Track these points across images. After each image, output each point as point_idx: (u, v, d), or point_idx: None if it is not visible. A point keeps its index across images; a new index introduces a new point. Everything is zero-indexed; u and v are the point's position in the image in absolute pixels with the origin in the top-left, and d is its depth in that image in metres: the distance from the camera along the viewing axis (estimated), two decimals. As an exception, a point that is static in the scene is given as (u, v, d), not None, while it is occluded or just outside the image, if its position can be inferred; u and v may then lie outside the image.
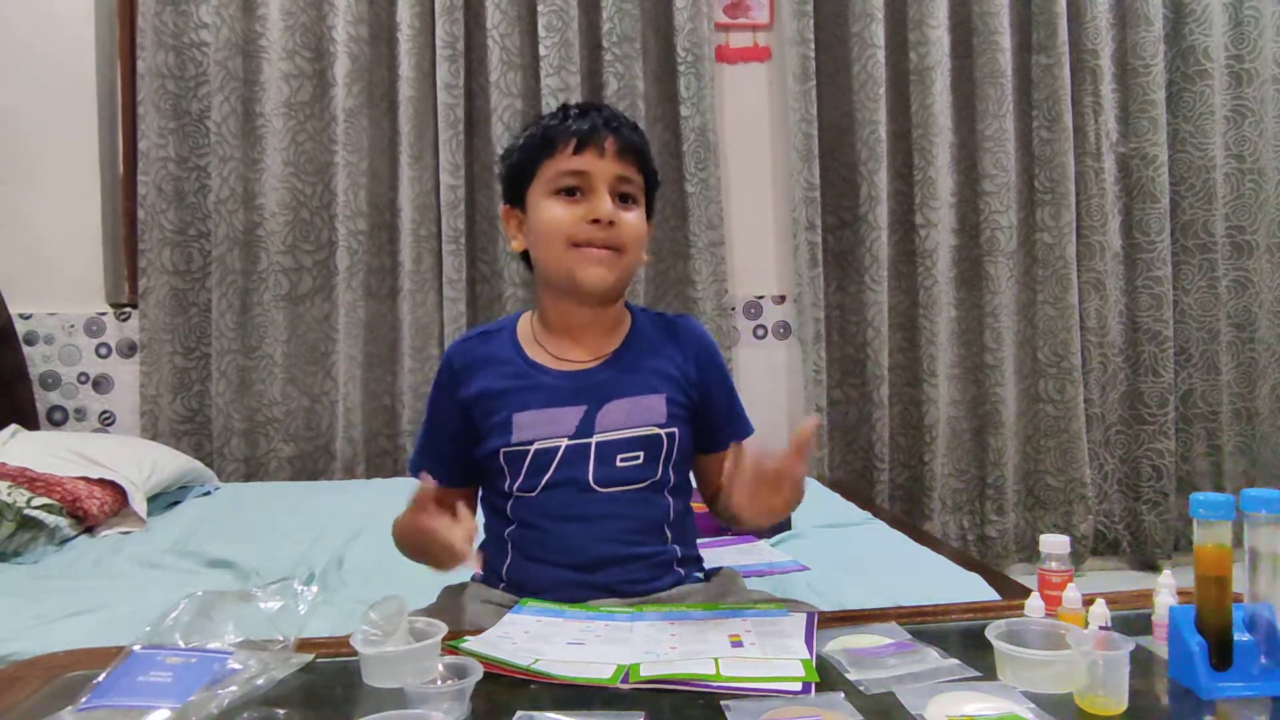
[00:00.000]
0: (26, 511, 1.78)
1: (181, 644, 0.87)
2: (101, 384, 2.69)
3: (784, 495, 0.96)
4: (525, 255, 1.17)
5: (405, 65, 2.63)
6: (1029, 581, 1.10)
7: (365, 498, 2.20)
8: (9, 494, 1.79)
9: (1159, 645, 0.86)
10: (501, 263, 2.72)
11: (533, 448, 1.08)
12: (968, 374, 2.92)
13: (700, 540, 1.19)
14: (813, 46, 2.78)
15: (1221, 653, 0.78)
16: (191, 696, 0.77)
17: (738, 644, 0.89)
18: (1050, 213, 2.88)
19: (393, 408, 2.72)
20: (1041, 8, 2.85)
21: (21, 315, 2.64)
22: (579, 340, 1.14)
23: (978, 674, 0.81)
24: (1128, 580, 2.86)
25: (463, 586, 1.15)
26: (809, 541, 1.79)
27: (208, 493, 2.35)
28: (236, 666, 0.82)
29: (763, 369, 2.91)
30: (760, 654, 0.86)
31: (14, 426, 2.29)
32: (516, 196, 1.15)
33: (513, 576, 1.10)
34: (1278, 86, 2.92)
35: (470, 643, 0.89)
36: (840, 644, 0.89)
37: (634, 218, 1.11)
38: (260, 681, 0.81)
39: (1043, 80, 2.86)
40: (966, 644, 0.89)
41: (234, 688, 0.79)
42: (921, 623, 0.97)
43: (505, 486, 1.10)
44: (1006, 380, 2.88)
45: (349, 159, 2.63)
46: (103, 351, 2.69)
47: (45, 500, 1.85)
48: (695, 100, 2.75)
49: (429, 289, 2.69)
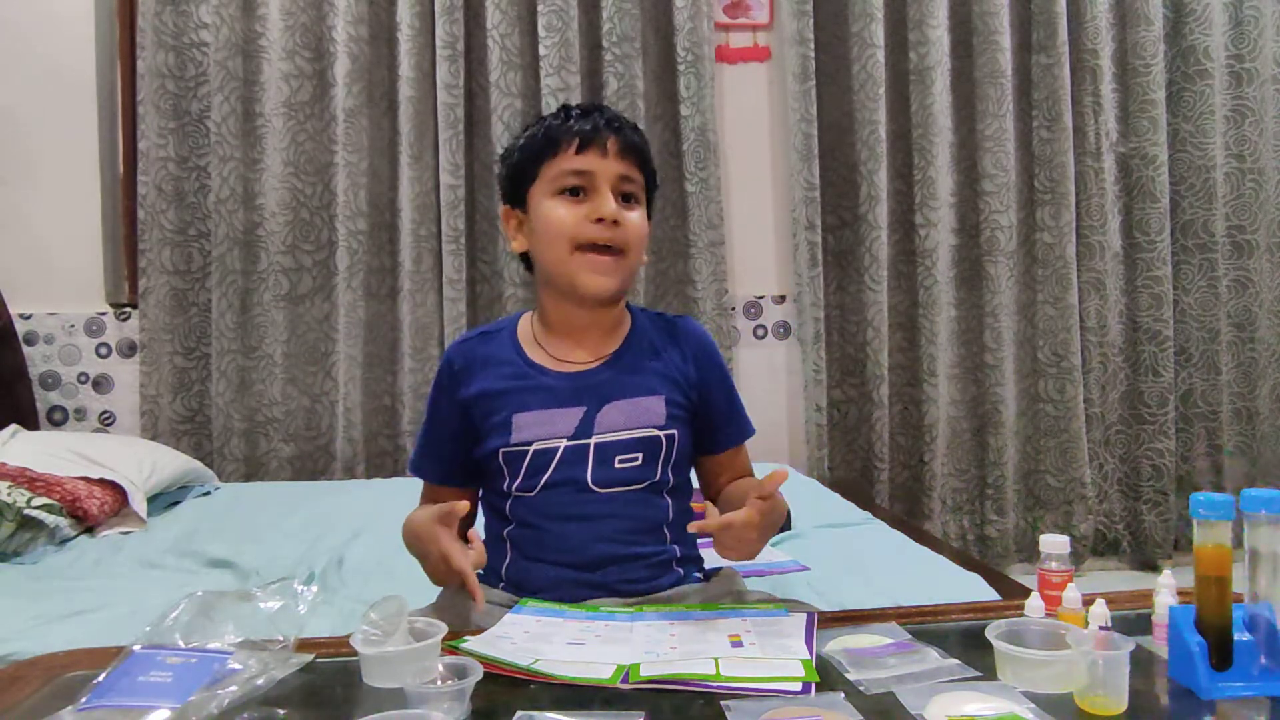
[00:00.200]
0: (26, 511, 1.78)
1: (181, 644, 0.87)
2: (101, 384, 2.69)
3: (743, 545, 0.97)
4: (525, 256, 1.17)
5: (405, 65, 2.64)
6: (1029, 581, 1.10)
7: (365, 498, 2.20)
8: (9, 494, 1.79)
9: (1159, 645, 0.86)
10: (501, 263, 2.73)
11: (532, 448, 1.08)
12: (968, 374, 2.92)
13: (700, 540, 1.19)
14: (813, 46, 2.78)
15: (1221, 653, 0.78)
16: (191, 696, 0.77)
17: (738, 644, 0.89)
18: (1050, 213, 2.88)
19: (393, 408, 2.72)
20: (1041, 8, 2.85)
21: (21, 315, 2.64)
22: (579, 341, 1.14)
23: (978, 674, 0.81)
24: (1128, 580, 2.86)
25: (463, 586, 1.15)
26: (809, 541, 1.79)
27: (208, 493, 2.35)
28: (236, 666, 0.82)
29: (763, 369, 2.91)
30: (760, 654, 0.86)
31: (14, 426, 2.29)
32: (517, 197, 1.14)
33: (512, 576, 1.10)
34: (1278, 86, 2.92)
35: (470, 643, 0.89)
36: (840, 644, 0.89)
37: (636, 217, 1.11)
38: (260, 681, 0.81)
39: (1043, 80, 2.86)
40: (966, 644, 0.89)
41: (234, 688, 0.79)
42: (921, 623, 0.97)
43: (504, 486, 1.10)
44: (1006, 380, 2.89)
45: (349, 159, 2.63)
46: (103, 351, 2.69)
47: (45, 500, 1.85)
48: (695, 100, 2.75)
49: (429, 289, 2.69)
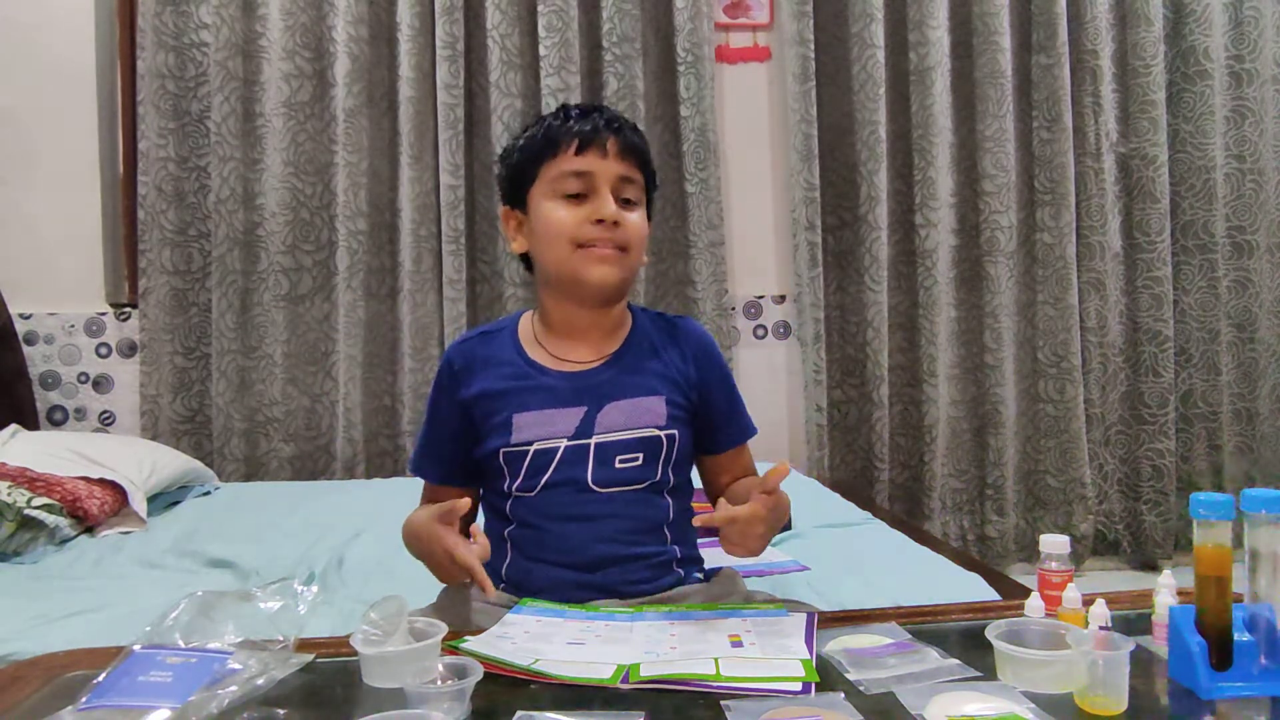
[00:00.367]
0: (26, 511, 1.78)
1: (181, 644, 0.87)
2: (101, 384, 2.69)
3: (751, 538, 0.98)
4: (525, 256, 1.17)
5: (405, 65, 2.64)
6: (1029, 581, 1.10)
7: (365, 498, 2.21)
8: (9, 494, 1.79)
9: (1159, 645, 0.86)
10: (501, 263, 2.73)
11: (532, 448, 1.08)
12: (968, 374, 2.92)
13: (701, 540, 1.19)
14: (813, 46, 2.78)
15: (1221, 653, 0.78)
16: (191, 696, 0.77)
17: (738, 644, 0.89)
18: (1050, 213, 2.88)
19: (393, 408, 2.72)
20: (1041, 8, 2.85)
21: (21, 315, 2.64)
22: (580, 341, 1.14)
23: (978, 674, 0.81)
24: (1128, 580, 2.86)
25: (463, 587, 1.15)
26: (809, 541, 1.79)
27: (208, 493, 2.35)
28: (236, 666, 0.82)
29: (763, 369, 2.91)
30: (760, 654, 0.86)
31: (14, 426, 2.29)
32: (517, 198, 1.14)
33: (512, 576, 1.10)
34: (1278, 86, 2.92)
35: (470, 643, 0.89)
36: (840, 644, 0.89)
37: (637, 218, 1.11)
38: (260, 681, 0.81)
39: (1043, 80, 2.86)
40: (966, 644, 0.89)
41: (234, 688, 0.79)
42: (921, 623, 0.97)
43: (505, 486, 1.10)
44: (1006, 380, 2.89)
45: (349, 159, 2.63)
46: (103, 351, 2.69)
47: (45, 500, 1.85)
48: (695, 100, 2.75)
49: (429, 289, 2.69)
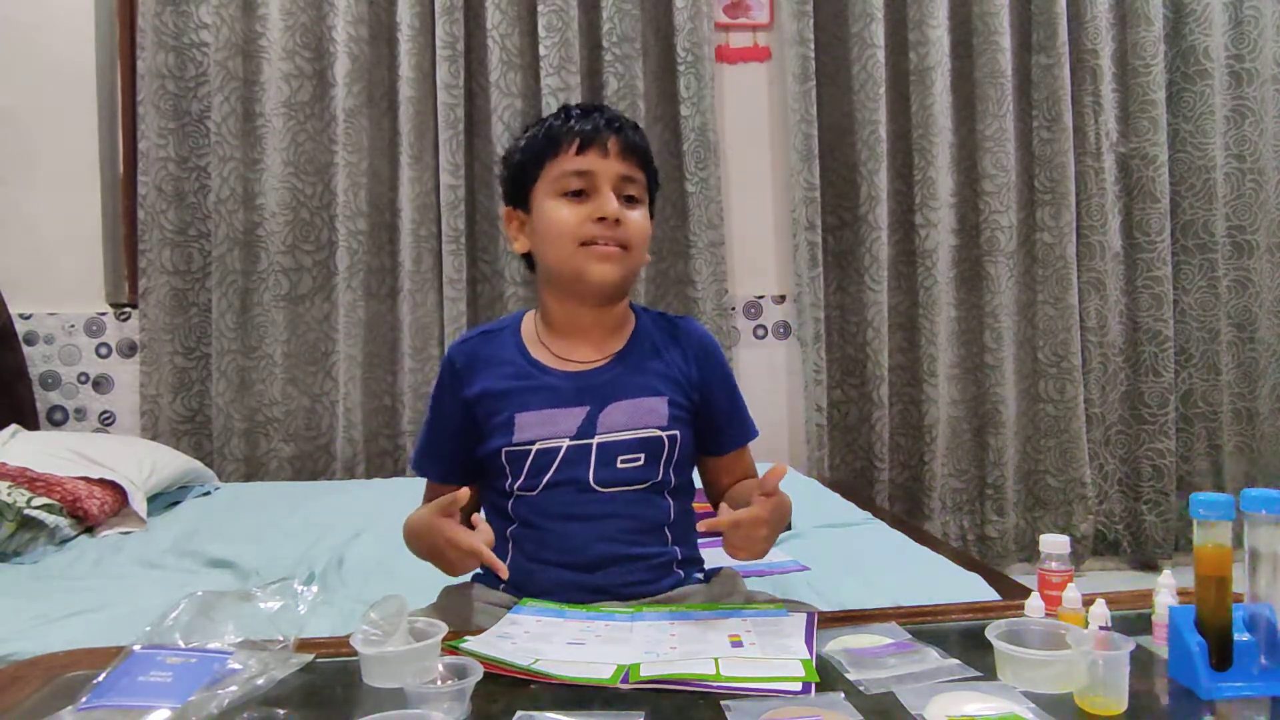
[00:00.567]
0: (26, 511, 1.78)
1: (181, 644, 0.87)
2: (101, 384, 2.69)
3: (754, 541, 0.98)
4: (527, 256, 1.17)
5: (405, 65, 2.63)
6: (1029, 581, 1.10)
7: (365, 498, 2.21)
8: (9, 494, 1.79)
9: (1159, 645, 0.86)
10: (502, 262, 2.72)
11: (534, 448, 1.08)
12: (968, 374, 2.92)
13: (701, 541, 1.19)
14: (813, 46, 2.78)
15: (1221, 653, 0.78)
16: (191, 696, 0.77)
17: (738, 644, 0.89)
18: (1050, 213, 2.88)
19: (393, 408, 2.72)
20: (1041, 8, 2.85)
21: (21, 315, 2.64)
22: (583, 340, 1.14)
23: (978, 674, 0.81)
24: (1128, 580, 2.86)
25: (463, 587, 1.15)
26: (809, 541, 1.79)
27: (208, 493, 2.35)
28: (236, 666, 0.82)
29: (763, 369, 2.91)
30: (760, 654, 0.86)
31: (14, 426, 2.29)
32: (519, 198, 1.15)
33: (513, 577, 1.10)
34: (1278, 86, 2.92)
35: (470, 643, 0.89)
36: (840, 644, 0.89)
37: (639, 216, 1.11)
38: (260, 681, 0.81)
39: (1043, 80, 2.86)
40: (966, 644, 0.89)
41: (234, 688, 0.79)
42: (921, 623, 0.97)
43: (506, 485, 1.10)
44: (1006, 380, 2.88)
45: (349, 159, 2.63)
46: (103, 351, 2.69)
47: (45, 500, 1.85)
48: (695, 100, 2.75)
49: (429, 289, 2.69)
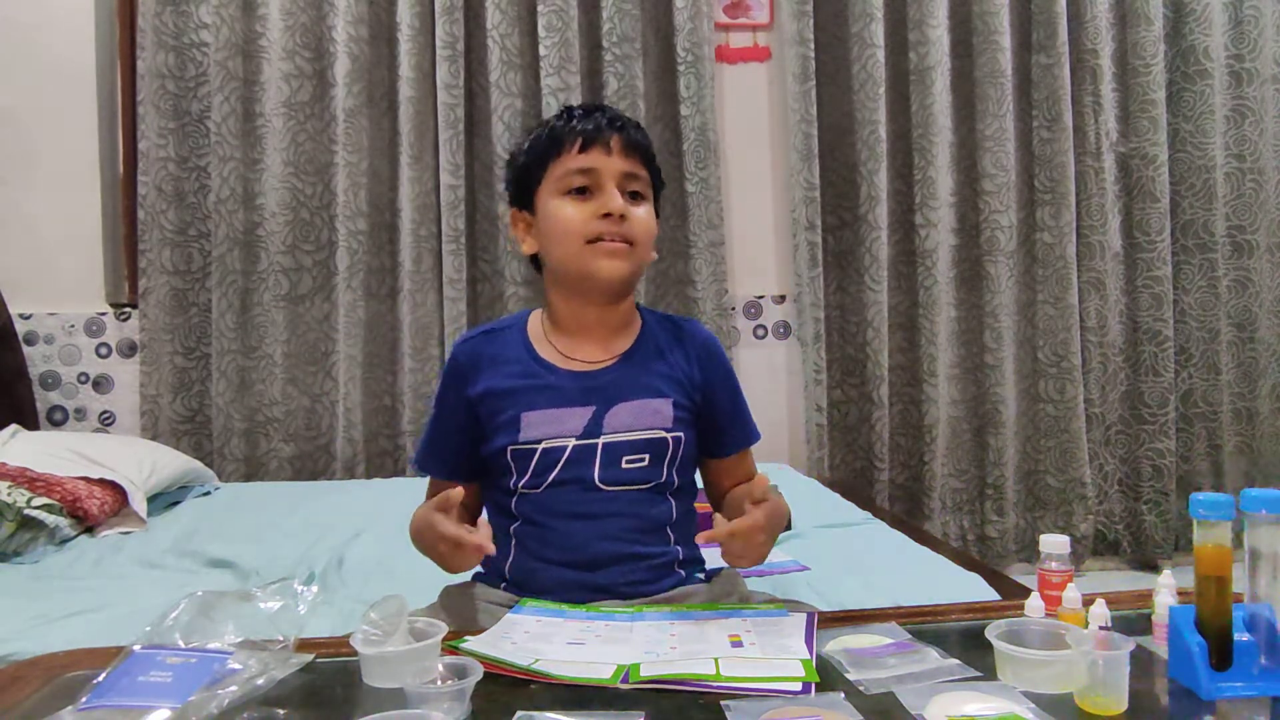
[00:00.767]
0: (26, 511, 1.79)
1: (181, 644, 0.87)
2: (101, 384, 2.69)
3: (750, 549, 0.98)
4: (534, 258, 1.17)
5: (405, 65, 2.63)
6: (1029, 581, 1.10)
7: (365, 498, 2.21)
8: (9, 494, 1.79)
9: (1159, 645, 0.86)
10: (502, 262, 2.72)
11: (540, 446, 1.08)
12: (968, 374, 2.92)
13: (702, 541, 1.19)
14: (813, 46, 2.78)
15: (1221, 653, 0.78)
16: (191, 696, 0.77)
17: (738, 644, 0.89)
18: (1050, 212, 2.88)
19: (393, 408, 2.72)
20: (1041, 8, 2.85)
21: (21, 315, 2.64)
22: (589, 339, 1.14)
23: (978, 674, 0.81)
24: (1128, 580, 2.86)
25: (464, 586, 1.15)
26: (809, 541, 1.79)
27: (208, 493, 2.35)
28: (236, 666, 0.82)
29: (763, 369, 2.91)
30: (760, 654, 0.86)
31: (14, 426, 2.29)
32: (525, 199, 1.15)
33: (515, 575, 1.10)
34: (1278, 86, 2.92)
35: (470, 643, 0.89)
36: (840, 644, 0.89)
37: (644, 212, 1.12)
38: (260, 681, 0.81)
39: (1043, 80, 2.86)
40: (966, 644, 0.89)
41: (234, 688, 0.79)
42: (921, 623, 0.97)
43: (511, 484, 1.10)
44: (1006, 380, 2.88)
45: (349, 159, 2.63)
46: (103, 351, 2.69)
47: (45, 500, 1.85)
48: (695, 100, 2.75)
49: (429, 289, 2.69)
